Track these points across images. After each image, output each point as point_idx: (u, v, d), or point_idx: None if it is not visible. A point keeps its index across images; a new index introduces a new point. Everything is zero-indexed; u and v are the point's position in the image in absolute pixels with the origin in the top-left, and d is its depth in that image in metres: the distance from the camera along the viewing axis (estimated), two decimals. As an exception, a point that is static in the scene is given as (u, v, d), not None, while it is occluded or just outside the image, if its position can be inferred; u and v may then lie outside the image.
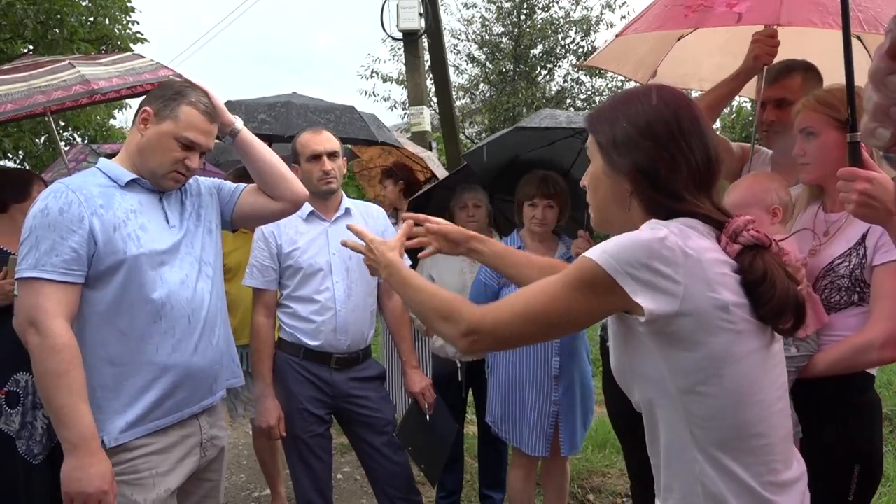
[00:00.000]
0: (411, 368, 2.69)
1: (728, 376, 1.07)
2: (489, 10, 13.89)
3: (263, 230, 2.54)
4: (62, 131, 10.21)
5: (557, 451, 2.78)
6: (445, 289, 3.27)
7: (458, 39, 14.19)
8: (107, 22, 10.27)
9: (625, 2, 13.56)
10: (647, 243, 1.04)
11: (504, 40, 13.83)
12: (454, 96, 9.12)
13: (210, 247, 1.92)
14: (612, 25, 14.19)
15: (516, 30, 13.61)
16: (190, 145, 1.79)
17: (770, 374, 1.13)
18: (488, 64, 13.92)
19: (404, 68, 8.01)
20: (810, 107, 1.80)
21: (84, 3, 9.92)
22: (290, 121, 3.64)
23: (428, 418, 2.68)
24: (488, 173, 3.29)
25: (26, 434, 2.31)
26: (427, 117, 6.99)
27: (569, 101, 13.89)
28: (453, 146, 7.29)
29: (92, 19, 10.10)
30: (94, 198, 1.70)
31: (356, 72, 18.82)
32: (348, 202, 2.64)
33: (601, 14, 13.58)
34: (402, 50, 7.76)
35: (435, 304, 1.26)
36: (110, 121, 11.65)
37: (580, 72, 13.83)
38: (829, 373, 1.72)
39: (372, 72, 14.32)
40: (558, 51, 13.87)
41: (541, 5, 13.56)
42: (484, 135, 13.37)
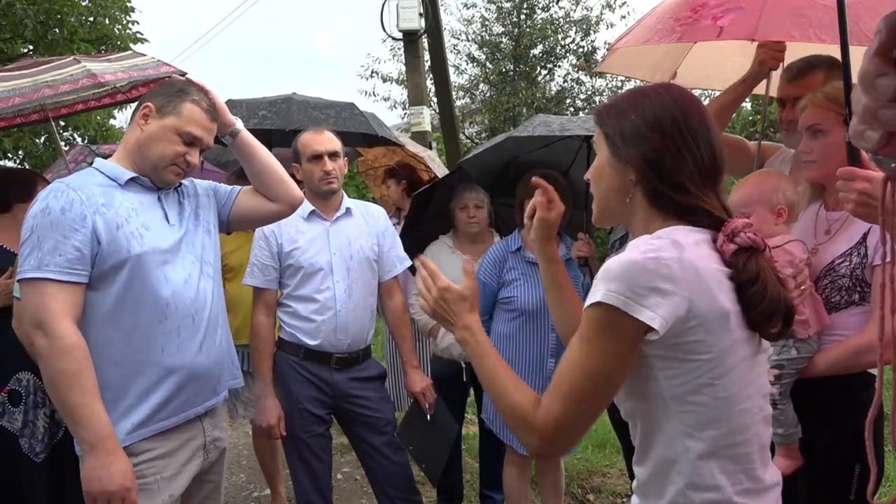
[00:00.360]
0: (412, 368, 2.70)
1: (720, 385, 1.08)
2: (489, 10, 13.88)
3: (264, 229, 2.53)
4: (62, 131, 10.22)
5: None
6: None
7: (458, 39, 14.20)
8: (107, 22, 10.29)
9: (625, 2, 13.57)
10: (643, 264, 1.03)
11: (504, 40, 13.82)
12: (454, 96, 9.12)
13: (209, 247, 1.92)
14: (612, 25, 14.20)
15: (516, 30, 13.60)
16: (191, 141, 1.79)
17: (755, 384, 1.14)
18: (488, 64, 13.91)
19: (404, 68, 8.00)
20: (818, 104, 1.74)
21: (84, 3, 9.94)
22: (291, 115, 3.65)
23: (429, 418, 2.69)
24: (487, 176, 3.29)
25: (28, 432, 2.32)
26: (427, 117, 6.98)
27: (569, 101, 13.89)
28: (453, 146, 7.29)
29: (92, 19, 10.12)
30: (95, 197, 1.68)
31: (356, 72, 18.83)
32: (349, 202, 2.65)
33: (601, 14, 13.58)
34: (402, 50, 7.76)
35: (509, 403, 1.16)
36: (110, 121, 11.65)
37: (580, 72, 13.83)
38: (829, 373, 1.72)
39: (372, 72, 14.32)
40: (558, 51, 13.86)
41: (541, 5, 13.55)
42: (484, 135, 13.36)
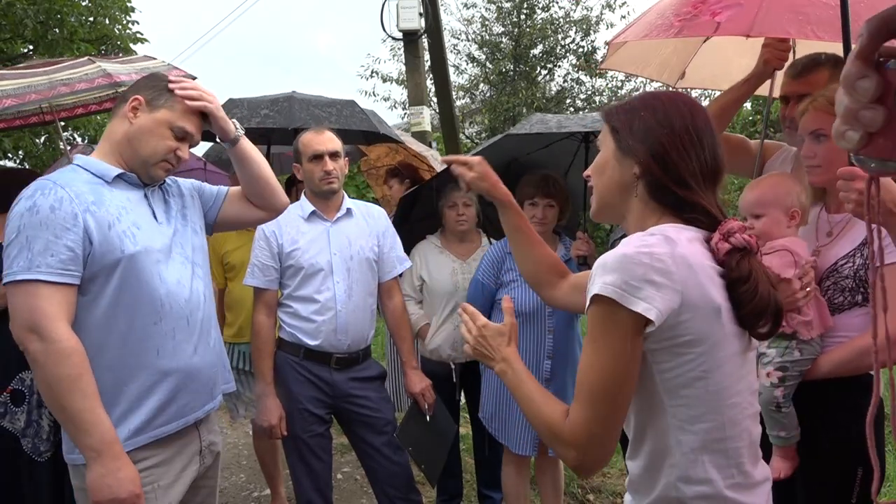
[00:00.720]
0: (411, 369, 2.70)
1: (712, 379, 1.11)
2: (489, 10, 13.89)
3: (265, 229, 2.54)
4: (62, 131, 10.21)
5: (546, 450, 2.79)
6: (437, 289, 3.21)
7: (458, 39, 14.21)
8: (107, 22, 10.30)
9: (625, 2, 13.57)
10: (637, 258, 1.06)
11: (504, 40, 13.83)
12: (454, 96, 9.12)
13: (198, 247, 1.87)
14: (612, 25, 14.21)
15: (516, 30, 13.61)
16: (183, 136, 1.75)
17: (745, 380, 1.17)
18: (488, 64, 13.92)
19: (404, 68, 8.01)
20: (820, 108, 1.72)
21: (84, 3, 9.95)
22: (293, 114, 3.64)
23: (428, 419, 2.69)
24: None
25: (31, 432, 2.31)
26: (427, 117, 6.99)
27: (569, 100, 13.90)
28: (453, 146, 7.29)
29: (92, 19, 10.13)
30: (84, 194, 1.61)
31: (356, 72, 18.83)
32: (349, 202, 2.65)
33: (601, 14, 13.60)
34: (402, 50, 7.76)
35: (543, 421, 1.19)
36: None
37: (580, 72, 13.84)
38: (833, 374, 1.72)
39: (372, 72, 14.34)
40: (558, 51, 13.87)
41: (541, 5, 13.56)
42: (484, 135, 13.36)
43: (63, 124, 3.53)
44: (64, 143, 3.80)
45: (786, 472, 1.77)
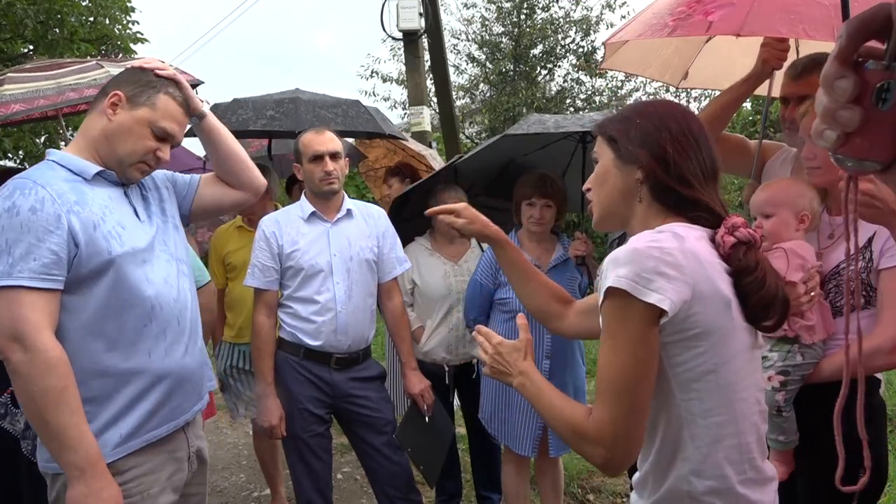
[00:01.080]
0: (410, 370, 2.70)
1: (722, 373, 1.12)
2: (489, 10, 13.86)
3: (265, 230, 2.54)
4: (63, 130, 10.22)
5: (547, 450, 2.79)
6: (431, 293, 3.20)
7: (458, 39, 14.18)
8: (107, 22, 10.30)
9: (625, 2, 13.56)
10: (648, 251, 1.08)
11: (504, 40, 13.81)
12: (454, 96, 9.11)
13: (180, 243, 1.80)
14: (612, 25, 14.18)
15: (516, 30, 13.59)
16: (164, 136, 1.67)
17: (753, 376, 1.19)
18: (488, 64, 13.90)
19: (404, 68, 8.00)
20: None
21: (84, 3, 9.95)
22: (300, 116, 3.64)
23: (427, 420, 2.69)
24: (484, 177, 3.29)
25: (32, 434, 2.31)
26: (427, 117, 6.99)
27: (569, 100, 13.88)
28: (453, 146, 7.29)
29: (92, 19, 10.13)
30: (66, 194, 1.53)
31: (356, 72, 18.81)
32: (350, 203, 2.65)
33: (601, 14, 13.57)
34: (402, 50, 7.76)
35: (566, 424, 1.19)
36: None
37: (580, 72, 13.82)
38: (835, 378, 1.71)
39: (372, 72, 14.31)
40: (558, 51, 13.84)
41: (541, 5, 13.54)
42: (484, 135, 13.35)
43: (64, 123, 3.52)
44: (65, 144, 3.80)
45: (782, 476, 1.77)
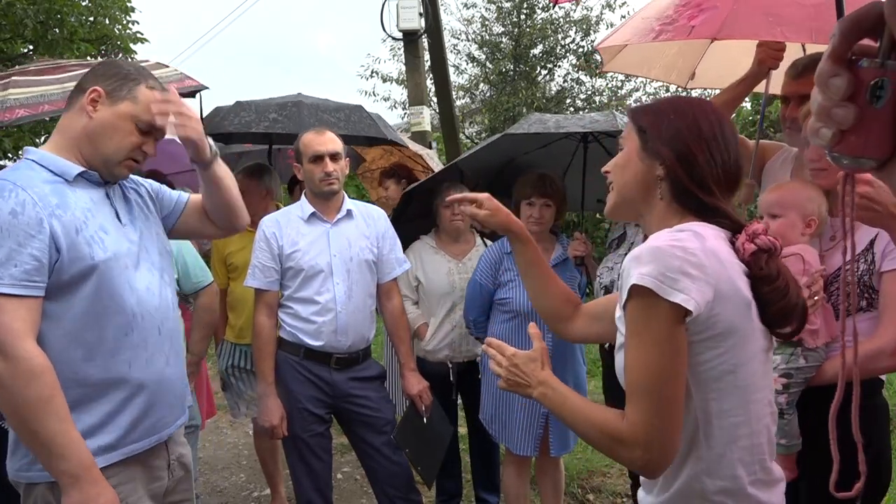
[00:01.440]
0: (409, 371, 2.71)
1: (740, 374, 1.12)
2: (489, 10, 13.86)
3: (265, 231, 2.55)
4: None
5: (548, 451, 2.79)
6: (434, 290, 3.20)
7: (458, 39, 14.17)
8: (107, 22, 10.30)
9: (625, 2, 13.57)
10: (671, 251, 1.07)
11: (504, 40, 13.80)
12: (454, 96, 9.11)
13: (164, 251, 1.75)
14: (612, 25, 14.18)
15: (516, 30, 13.59)
16: (148, 130, 1.61)
17: (767, 378, 1.19)
18: (488, 64, 13.90)
19: (404, 68, 8.00)
20: None
21: (84, 3, 9.95)
22: (302, 120, 3.65)
23: (425, 420, 2.69)
24: (485, 176, 3.29)
25: None
26: (427, 117, 6.99)
27: (569, 100, 13.88)
28: (453, 146, 7.29)
29: (92, 19, 10.13)
30: (47, 196, 1.47)
31: (356, 72, 18.80)
32: (350, 203, 2.65)
33: (601, 14, 13.58)
34: (402, 50, 7.76)
35: (598, 430, 1.16)
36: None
37: (580, 72, 13.82)
38: (837, 381, 1.71)
39: (372, 72, 14.30)
40: (558, 51, 13.84)
41: (541, 5, 13.54)
42: (484, 135, 13.35)
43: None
44: None
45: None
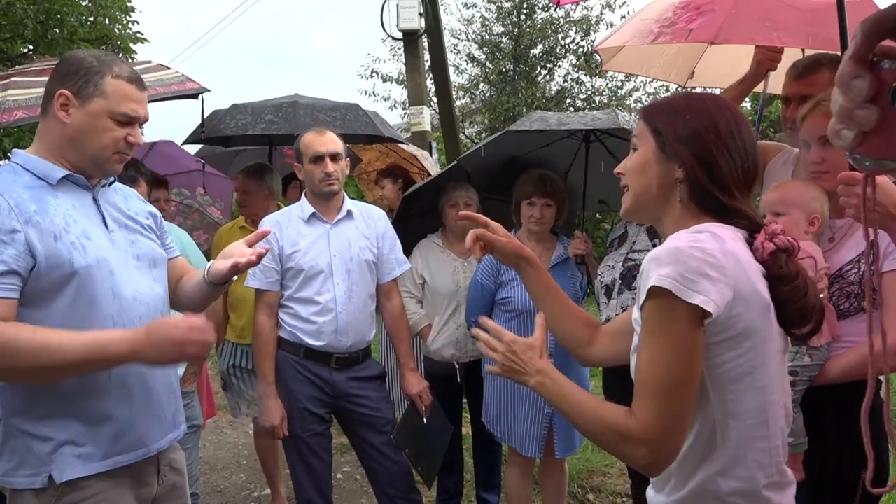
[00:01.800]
0: (409, 371, 2.70)
1: (758, 375, 1.12)
2: (489, 10, 13.86)
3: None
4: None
5: (552, 452, 2.79)
6: (439, 289, 3.17)
7: (458, 39, 14.17)
8: (107, 22, 10.30)
9: (625, 2, 13.57)
10: (690, 252, 1.07)
11: (504, 40, 13.80)
12: (454, 96, 9.11)
13: (159, 257, 1.71)
14: (612, 25, 14.17)
15: (516, 30, 13.59)
16: (128, 121, 1.56)
17: (783, 380, 1.18)
18: (488, 64, 13.90)
19: (404, 68, 8.00)
20: (827, 112, 1.71)
21: (84, 3, 9.95)
22: (298, 120, 3.65)
23: (425, 420, 2.69)
24: (486, 174, 3.29)
25: None
26: (427, 117, 6.99)
27: (569, 100, 13.88)
28: (453, 146, 7.29)
29: (92, 19, 10.13)
30: (24, 203, 1.44)
31: (356, 72, 18.80)
32: (350, 204, 2.65)
33: (601, 14, 13.58)
34: (402, 50, 7.76)
35: (603, 425, 1.14)
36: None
37: (580, 72, 13.82)
38: (842, 379, 1.72)
39: (372, 72, 14.30)
40: (558, 51, 13.84)
41: (541, 5, 13.53)
42: (484, 135, 13.36)
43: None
44: None
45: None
